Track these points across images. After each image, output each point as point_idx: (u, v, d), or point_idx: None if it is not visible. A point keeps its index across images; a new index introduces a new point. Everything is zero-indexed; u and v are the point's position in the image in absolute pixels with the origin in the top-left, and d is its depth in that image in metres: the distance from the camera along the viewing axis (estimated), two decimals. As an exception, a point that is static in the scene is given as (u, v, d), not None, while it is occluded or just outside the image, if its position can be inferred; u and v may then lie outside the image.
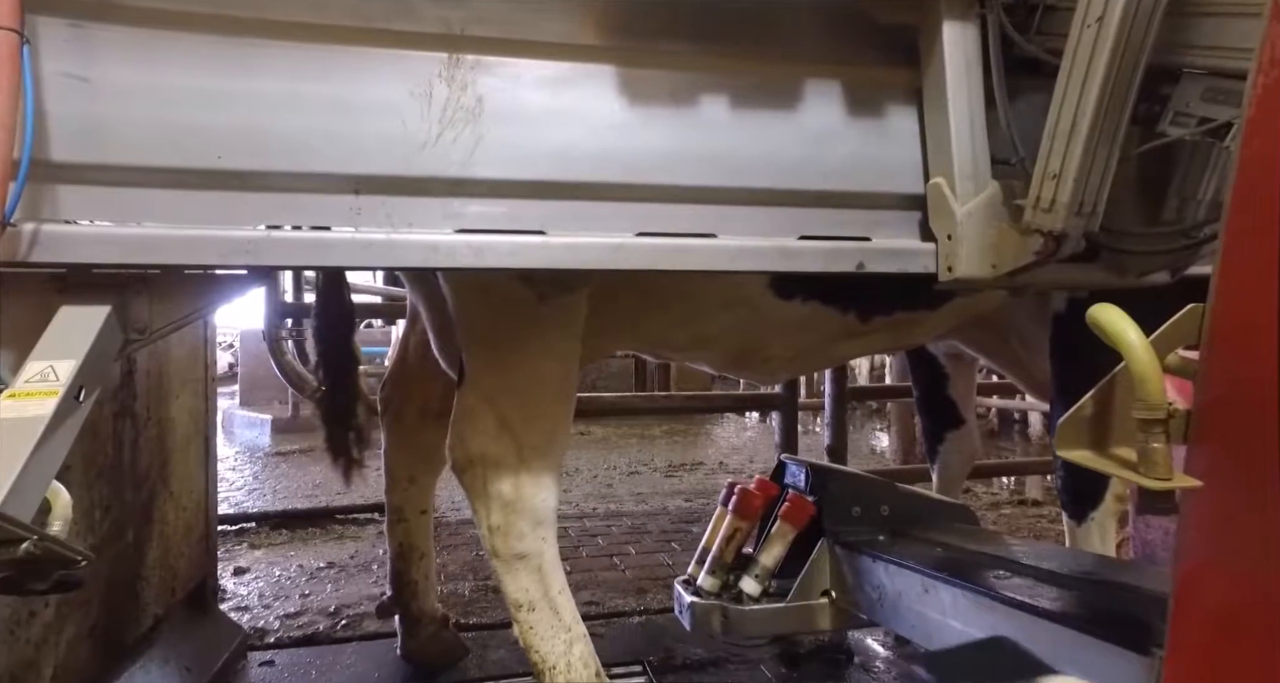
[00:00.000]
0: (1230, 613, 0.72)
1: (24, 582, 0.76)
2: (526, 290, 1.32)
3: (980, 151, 1.14)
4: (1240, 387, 0.74)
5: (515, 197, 1.10)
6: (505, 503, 1.34)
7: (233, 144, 1.00)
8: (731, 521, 1.67)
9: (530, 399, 1.36)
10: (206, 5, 0.99)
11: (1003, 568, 1.24)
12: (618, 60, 1.13)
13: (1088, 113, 0.97)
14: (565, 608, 1.37)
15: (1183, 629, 0.76)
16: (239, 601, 2.45)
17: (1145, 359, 0.81)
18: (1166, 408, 0.79)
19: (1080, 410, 0.86)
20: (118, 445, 1.45)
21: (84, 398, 0.88)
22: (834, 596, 1.56)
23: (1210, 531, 0.76)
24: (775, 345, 1.68)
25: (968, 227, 1.12)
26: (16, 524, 0.69)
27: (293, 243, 1.01)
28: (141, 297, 1.02)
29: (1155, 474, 0.80)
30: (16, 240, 0.88)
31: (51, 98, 0.92)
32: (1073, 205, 1.00)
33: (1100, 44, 0.95)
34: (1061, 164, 1.00)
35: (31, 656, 1.15)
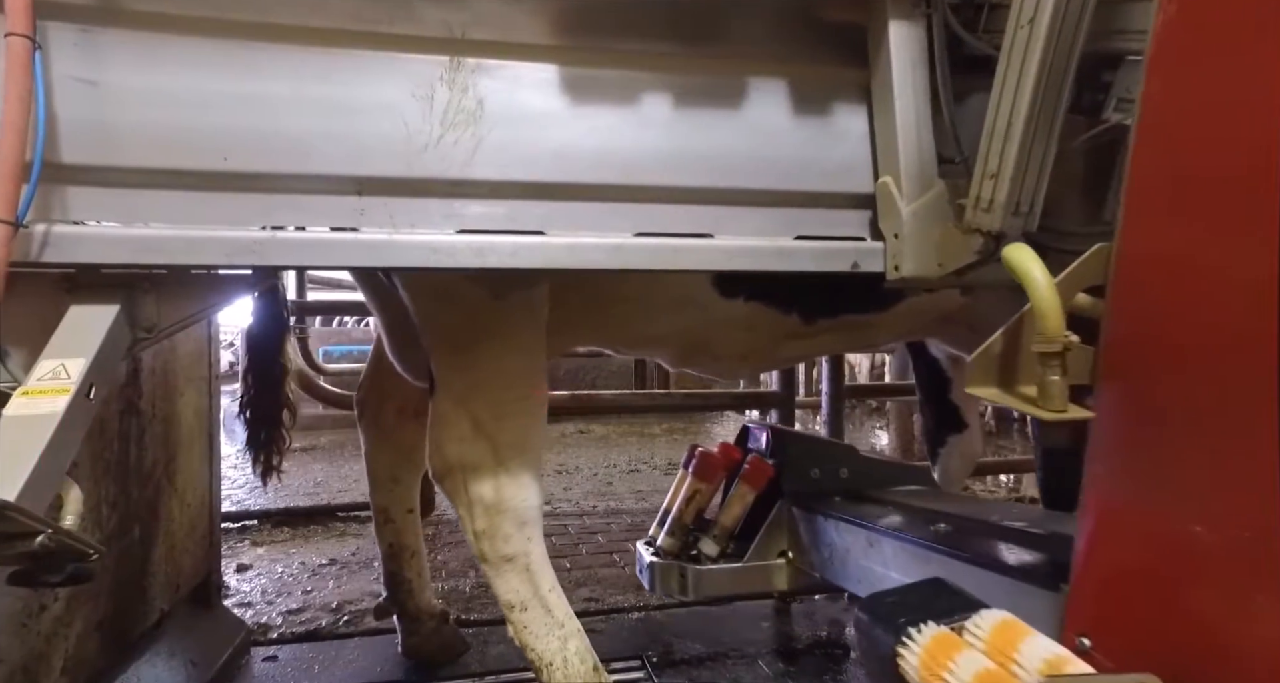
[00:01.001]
0: (1131, 546, 0.75)
1: (38, 574, 0.78)
2: (479, 289, 1.32)
3: (926, 151, 1.14)
4: (1144, 326, 0.76)
5: (515, 197, 1.12)
6: (488, 506, 1.34)
7: (238, 146, 1.02)
8: (692, 482, 1.71)
9: (500, 398, 1.35)
10: (211, 9, 1.01)
11: (943, 521, 1.29)
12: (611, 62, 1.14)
13: (1022, 113, 0.97)
14: (557, 605, 1.37)
15: (1085, 563, 0.79)
16: (242, 597, 2.47)
17: (1046, 295, 0.84)
18: (1063, 341, 0.81)
19: (990, 348, 0.89)
20: (124, 442, 1.47)
21: (94, 396, 0.90)
22: (790, 556, 1.60)
23: (1113, 465, 0.78)
24: (721, 344, 1.69)
25: (913, 226, 1.12)
26: (33, 518, 0.71)
27: (297, 243, 1.03)
28: (149, 296, 1.04)
29: (1052, 407, 0.83)
30: (28, 241, 0.90)
31: (61, 101, 0.94)
32: (1009, 205, 1.00)
33: (1032, 44, 0.95)
34: (999, 164, 1.00)
35: (42, 648, 1.17)
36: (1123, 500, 0.77)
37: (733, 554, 1.63)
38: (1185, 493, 0.70)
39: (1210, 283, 0.69)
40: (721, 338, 1.66)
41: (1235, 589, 0.64)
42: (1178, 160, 0.74)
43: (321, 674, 1.90)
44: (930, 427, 2.27)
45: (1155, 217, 0.76)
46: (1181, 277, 0.72)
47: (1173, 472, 0.71)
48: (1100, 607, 0.78)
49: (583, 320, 1.58)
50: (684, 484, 1.72)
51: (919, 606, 0.81)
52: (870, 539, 1.33)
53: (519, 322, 1.36)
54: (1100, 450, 0.80)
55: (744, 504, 1.64)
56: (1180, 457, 0.71)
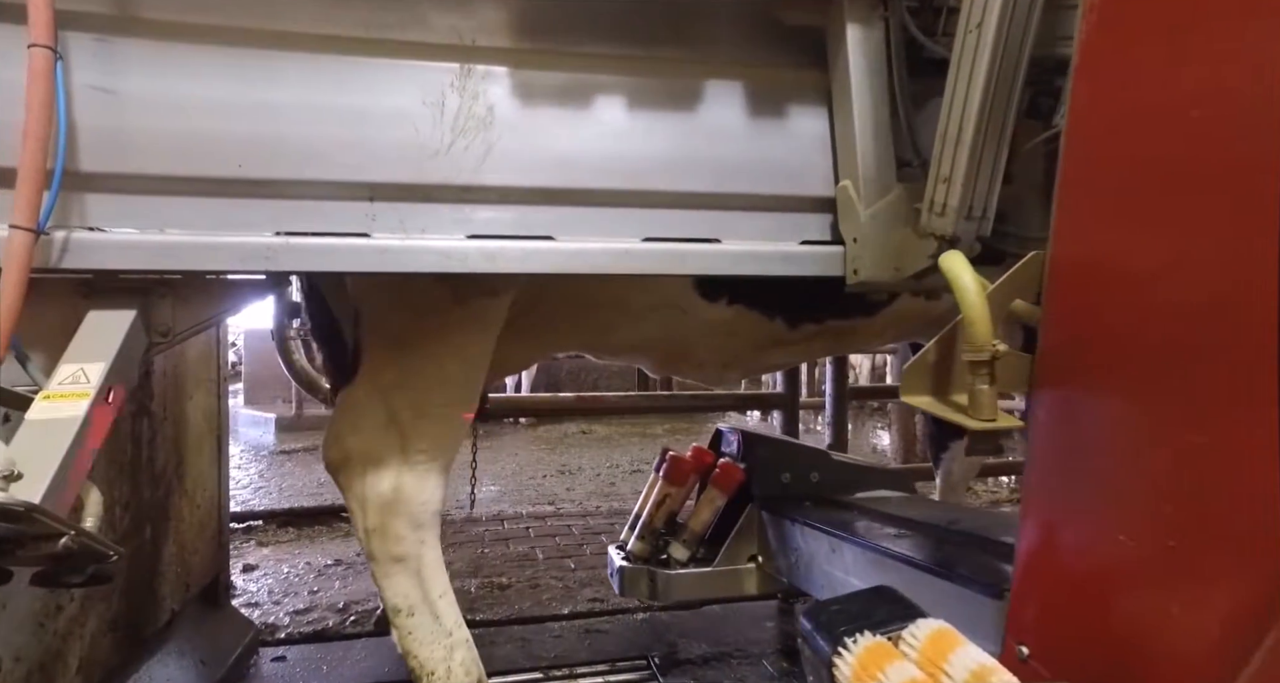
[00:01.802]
0: (1065, 554, 0.75)
1: (60, 575, 0.79)
2: (443, 290, 1.28)
3: (885, 155, 1.14)
4: (1074, 333, 0.75)
5: (525, 203, 1.13)
6: (384, 503, 1.28)
7: (252, 153, 1.03)
8: (662, 486, 1.71)
9: (427, 399, 1.31)
10: (225, 18, 1.03)
11: (905, 527, 1.29)
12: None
13: (972, 117, 0.97)
14: (446, 613, 1.31)
15: (1024, 571, 0.79)
16: (249, 597, 2.49)
17: (975, 303, 0.83)
18: (991, 350, 0.80)
19: (924, 357, 0.88)
20: (136, 444, 1.49)
21: (112, 399, 0.92)
22: (760, 561, 1.59)
23: (1047, 474, 0.77)
24: (703, 350, 1.66)
25: (871, 230, 1.12)
26: (57, 520, 0.72)
27: (310, 249, 1.04)
28: (165, 301, 1.05)
29: (981, 416, 0.82)
30: (49, 248, 0.91)
31: (80, 110, 0.96)
32: (962, 209, 0.99)
33: (980, 49, 0.95)
34: (950, 168, 1.00)
35: (59, 647, 1.18)
36: (1057, 509, 0.76)
37: (702, 559, 1.62)
38: (1113, 502, 0.69)
39: (1133, 290, 0.69)
40: (704, 344, 1.64)
41: (1159, 599, 0.64)
42: (1103, 166, 0.73)
43: (330, 674, 1.91)
44: (933, 431, 2.27)
45: (1083, 223, 0.75)
46: (1107, 284, 0.71)
47: (1102, 481, 0.70)
48: (1037, 615, 0.77)
49: (562, 325, 1.56)
50: (654, 488, 1.71)
51: (860, 614, 0.81)
52: (832, 545, 1.32)
53: (472, 329, 1.33)
54: (1036, 459, 0.79)
55: (714, 509, 1.63)
56: (1108, 466, 0.70)
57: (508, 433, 6.32)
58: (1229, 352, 0.60)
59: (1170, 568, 0.63)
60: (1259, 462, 0.57)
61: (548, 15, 1.13)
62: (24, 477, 0.73)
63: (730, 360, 1.72)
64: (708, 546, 1.64)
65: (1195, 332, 0.62)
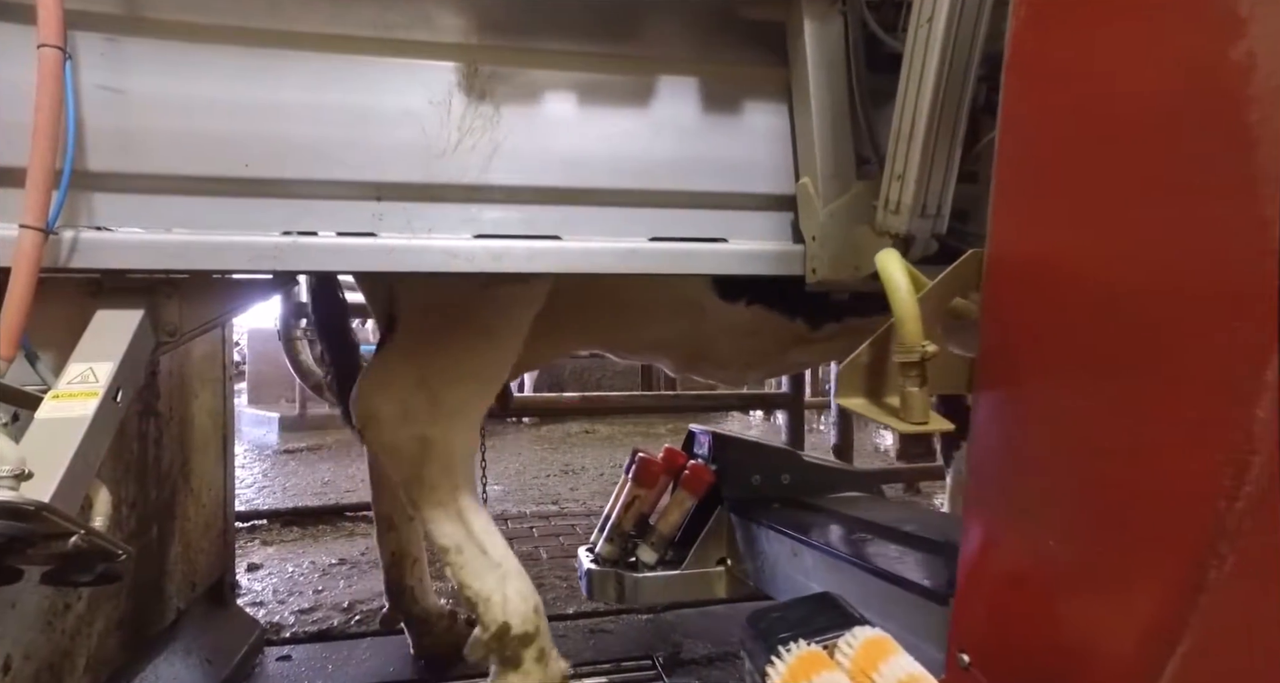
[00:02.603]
0: (1003, 561, 0.73)
1: (69, 574, 0.79)
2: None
3: (844, 152, 1.12)
4: (1011, 333, 0.73)
5: (531, 202, 1.13)
6: (414, 454, 1.34)
7: (259, 152, 1.03)
8: (631, 488, 1.69)
9: (457, 366, 1.36)
10: (232, 18, 1.03)
11: (865, 531, 1.28)
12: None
13: (924, 113, 0.94)
14: (493, 547, 1.37)
15: (966, 578, 0.77)
16: (254, 596, 2.49)
17: (906, 302, 0.81)
18: (921, 351, 0.78)
19: (858, 358, 0.86)
20: (143, 443, 1.49)
21: (121, 399, 0.92)
22: (729, 563, 1.57)
23: (987, 478, 0.76)
24: (725, 350, 1.66)
25: (830, 228, 1.10)
26: (66, 519, 0.73)
27: (317, 248, 1.05)
28: (172, 300, 1.06)
29: (912, 418, 0.80)
30: (57, 247, 0.92)
31: (88, 109, 0.96)
32: (915, 207, 0.97)
33: (931, 43, 0.93)
34: (904, 165, 0.98)
35: (67, 646, 1.19)
36: (996, 514, 0.74)
37: (671, 561, 1.60)
38: (1046, 507, 0.68)
39: (1061, 290, 0.67)
40: (725, 344, 1.64)
41: (1088, 607, 0.63)
42: (1035, 163, 0.71)
43: (336, 674, 1.91)
44: None
45: (1016, 221, 0.74)
46: (1038, 283, 0.70)
47: (1035, 485, 0.69)
48: (977, 623, 0.76)
49: (583, 324, 1.58)
50: (623, 490, 1.70)
51: (799, 622, 0.80)
52: (794, 549, 1.31)
53: (500, 310, 1.36)
54: (976, 462, 0.77)
55: (683, 511, 1.61)
56: (1041, 470, 0.68)
57: (511, 433, 6.32)
58: (1147, 356, 0.59)
59: (1096, 575, 0.63)
60: (1172, 467, 0.57)
61: (553, 14, 1.13)
62: (34, 476, 0.73)
63: (753, 360, 1.72)
64: (677, 548, 1.62)
65: (1119, 334, 0.61)
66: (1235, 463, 0.52)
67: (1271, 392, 0.50)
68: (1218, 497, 0.53)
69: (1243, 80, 0.52)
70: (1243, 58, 0.52)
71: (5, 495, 0.68)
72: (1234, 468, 0.52)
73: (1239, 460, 0.52)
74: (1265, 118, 0.51)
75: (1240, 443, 0.52)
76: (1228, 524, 0.52)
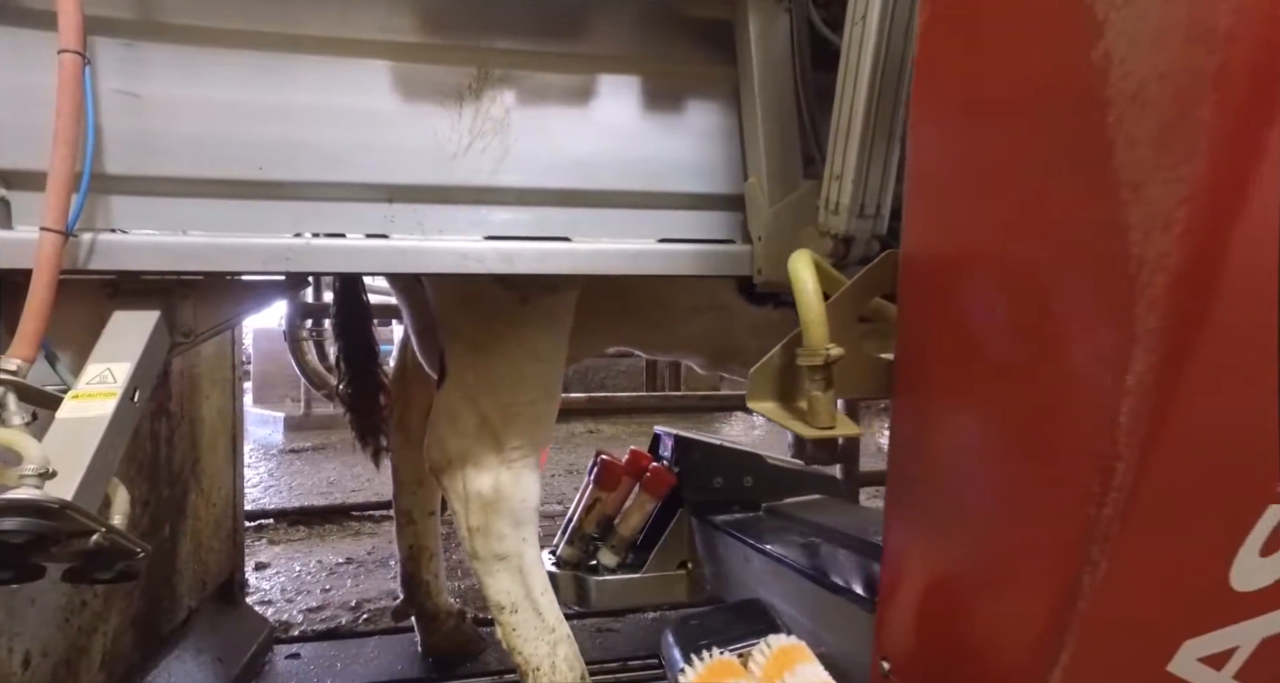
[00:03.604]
0: (919, 568, 0.72)
1: (90, 572, 0.81)
2: (506, 292, 1.31)
3: (790, 151, 1.10)
4: (925, 336, 0.71)
5: (541, 204, 1.14)
6: (485, 503, 1.33)
7: (273, 155, 1.05)
8: (593, 491, 1.69)
9: (512, 398, 1.34)
10: (246, 22, 1.04)
11: (820, 536, 1.27)
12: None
13: (859, 112, 0.92)
14: (548, 610, 1.35)
15: (887, 585, 0.77)
16: (262, 595, 2.51)
17: (812, 304, 0.79)
18: (824, 354, 0.76)
19: (769, 361, 0.84)
20: (155, 443, 1.50)
21: (138, 399, 0.93)
22: (691, 567, 1.56)
23: (904, 484, 0.74)
24: (754, 350, 1.67)
25: (776, 228, 1.09)
26: (88, 517, 0.74)
27: (330, 250, 1.06)
28: (187, 301, 1.07)
29: (817, 423, 0.77)
30: (76, 249, 0.93)
31: (106, 114, 0.97)
32: (854, 207, 0.95)
33: (865, 41, 0.91)
34: (842, 165, 0.96)
35: (83, 643, 1.20)
36: (912, 521, 0.73)
37: (632, 565, 1.59)
38: (954, 513, 0.66)
39: (964, 292, 0.65)
40: (754, 344, 1.62)
41: (992, 615, 0.62)
42: (940, 163, 0.70)
43: (344, 672, 1.93)
44: None
45: (927, 221, 0.72)
46: (946, 285, 0.68)
47: (946, 492, 0.68)
48: (898, 630, 0.75)
49: (612, 324, 1.58)
50: (585, 492, 1.70)
51: (719, 629, 0.80)
52: (745, 554, 1.30)
53: (542, 327, 1.36)
54: (893, 467, 0.76)
55: (643, 514, 1.60)
56: (949, 476, 0.67)
57: (515, 432, 6.32)
58: (1029, 360, 0.58)
59: (993, 583, 0.62)
60: (1050, 474, 0.56)
61: (563, 18, 1.14)
62: (57, 475, 0.74)
63: None
64: (638, 551, 1.61)
65: (1007, 338, 0.60)
66: (1102, 469, 0.51)
67: (1132, 397, 0.49)
68: (1088, 503, 0.52)
69: (1100, 82, 0.51)
70: (1100, 59, 0.51)
71: (30, 493, 0.69)
72: (1101, 474, 0.51)
73: (1105, 466, 0.51)
74: (1120, 119, 0.50)
75: (1105, 448, 0.51)
76: (1098, 530, 0.52)
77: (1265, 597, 0.54)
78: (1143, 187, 0.48)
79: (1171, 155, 0.47)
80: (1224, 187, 0.46)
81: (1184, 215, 0.47)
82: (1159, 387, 0.48)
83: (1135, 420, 0.49)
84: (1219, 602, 0.54)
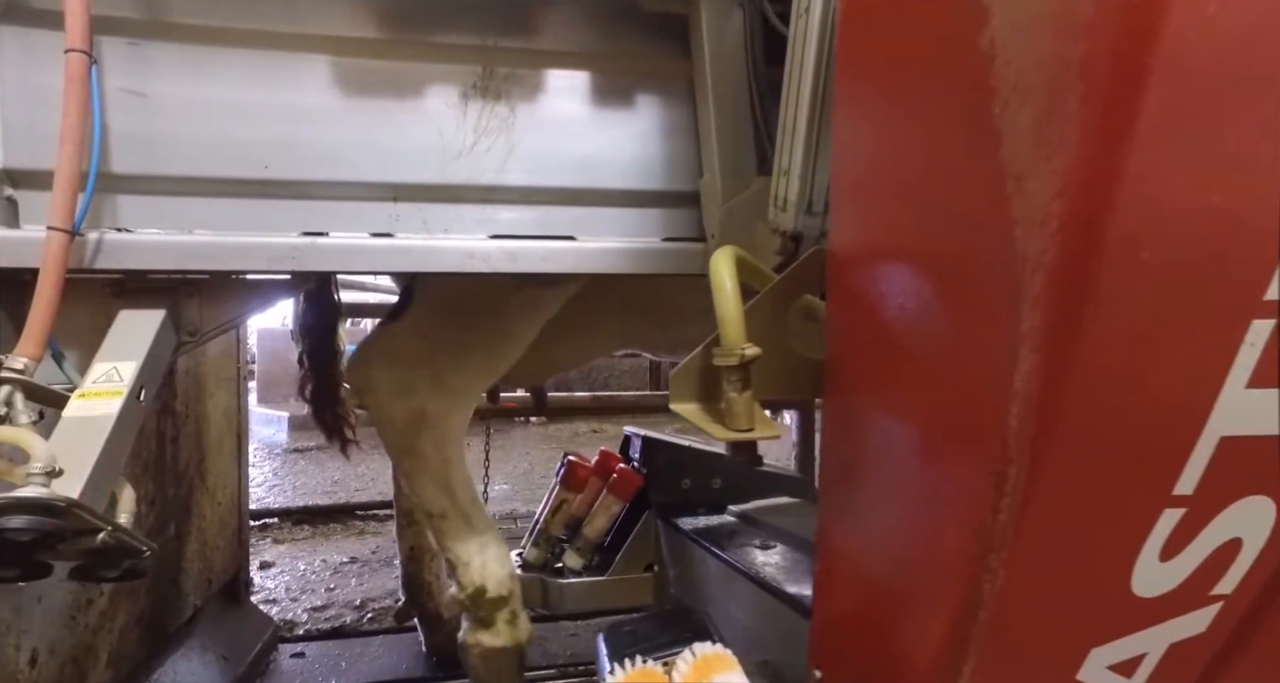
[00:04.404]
0: (848, 576, 0.70)
1: (96, 570, 0.81)
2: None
3: (744, 147, 1.08)
4: (851, 337, 0.69)
5: (546, 203, 1.14)
6: (409, 424, 1.37)
7: (279, 154, 1.05)
8: (559, 492, 1.67)
9: (468, 356, 1.39)
10: (251, 22, 1.04)
11: (777, 540, 1.25)
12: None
13: (804, 107, 0.88)
14: (476, 517, 1.42)
15: (818, 592, 0.75)
16: (266, 593, 2.52)
17: (727, 302, 0.76)
18: (739, 354, 0.73)
19: (691, 362, 0.82)
20: (160, 442, 1.51)
21: (144, 397, 0.93)
22: (657, 570, 1.55)
23: (833, 489, 0.72)
24: None
25: (729, 225, 1.06)
26: (95, 515, 0.74)
27: (336, 249, 1.06)
28: (193, 300, 1.07)
29: (734, 425, 0.74)
30: (82, 248, 0.93)
31: (113, 113, 0.97)
32: (801, 204, 0.91)
33: (809, 34, 0.87)
34: (789, 160, 0.92)
35: (90, 640, 1.20)
36: (839, 527, 0.71)
37: (598, 567, 1.57)
38: (874, 521, 0.65)
39: (881, 291, 0.63)
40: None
41: (907, 626, 0.60)
42: (860, 159, 0.68)
43: (349, 671, 1.93)
44: None
45: (849, 218, 0.69)
46: (867, 283, 0.65)
47: (868, 498, 0.66)
48: (829, 639, 0.73)
49: (618, 325, 1.59)
50: (553, 493, 1.69)
51: (647, 637, 0.79)
52: (701, 556, 1.29)
53: (524, 313, 1.39)
54: (823, 473, 0.73)
55: (609, 516, 1.59)
56: (872, 483, 0.65)
57: (519, 432, 6.33)
58: (934, 361, 0.56)
59: (908, 592, 0.60)
60: (952, 479, 0.54)
61: (568, 17, 1.14)
62: (64, 473, 0.75)
63: None
64: (604, 554, 1.59)
65: (917, 339, 0.57)
66: (995, 474, 0.49)
67: (1020, 399, 0.47)
68: (983, 510, 0.50)
69: (987, 70, 0.49)
70: (987, 46, 0.49)
71: (37, 492, 0.69)
72: (994, 479, 0.49)
73: (997, 471, 0.49)
74: (1004, 109, 0.48)
75: (996, 453, 0.49)
76: (994, 538, 0.50)
77: (1170, 602, 0.52)
78: (1025, 179, 0.46)
79: (1046, 147, 0.45)
80: (1096, 180, 0.44)
81: (1058, 210, 0.44)
82: (1045, 389, 0.46)
83: (1024, 424, 0.47)
84: (1123, 609, 0.52)
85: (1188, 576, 0.52)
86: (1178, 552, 0.51)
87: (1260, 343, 0.46)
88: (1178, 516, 0.50)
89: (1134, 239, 0.45)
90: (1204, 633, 0.54)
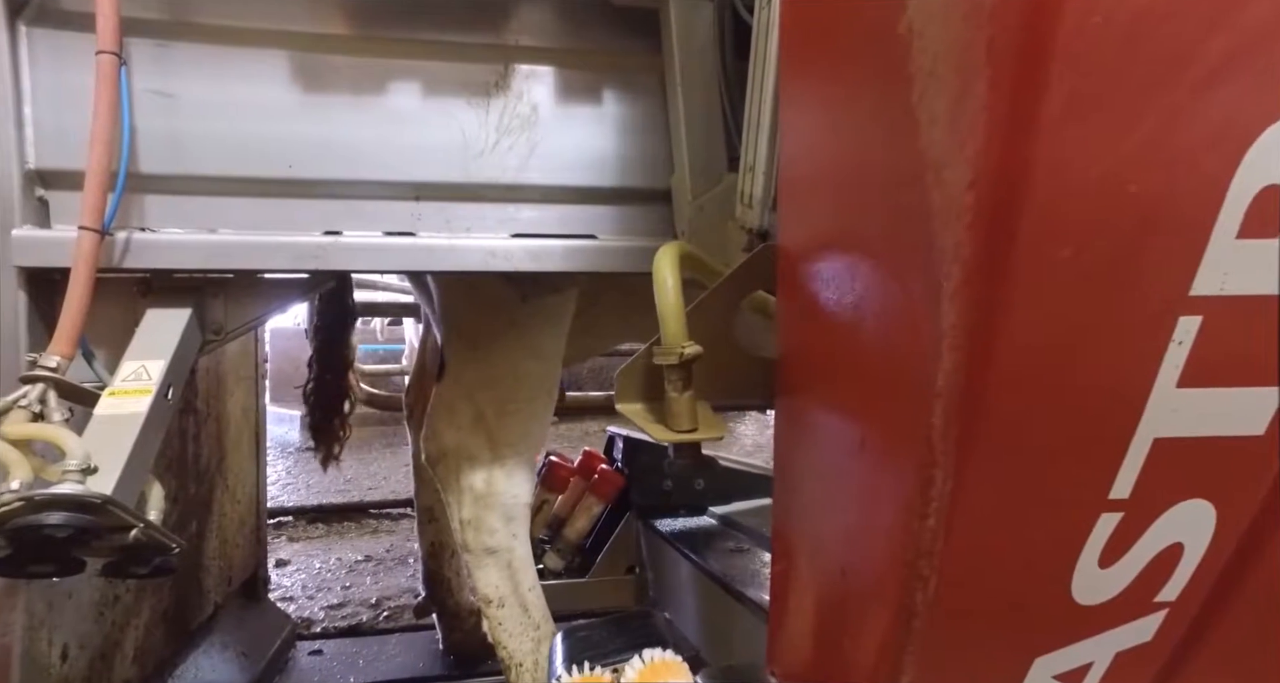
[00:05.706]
0: (800, 577, 0.68)
1: (128, 566, 0.82)
2: (509, 290, 1.30)
3: (714, 143, 1.07)
4: (799, 336, 0.67)
5: (567, 202, 1.14)
6: (477, 497, 1.33)
7: (303, 154, 1.05)
8: (540, 493, 1.67)
9: (508, 395, 1.35)
10: (276, 22, 1.05)
11: (750, 542, 1.25)
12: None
13: (768, 101, 0.86)
14: (535, 606, 1.36)
15: (774, 596, 0.73)
16: (283, 591, 2.53)
17: (668, 300, 0.75)
18: (679, 352, 0.71)
19: (636, 362, 0.80)
20: (183, 440, 1.52)
21: (171, 395, 0.94)
22: (638, 571, 1.54)
23: (785, 490, 0.71)
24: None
25: (699, 223, 1.06)
26: (127, 512, 0.74)
27: (358, 248, 1.06)
28: (217, 299, 1.08)
29: (676, 426, 0.72)
30: (111, 248, 0.94)
31: (140, 113, 0.98)
32: (766, 201, 0.89)
33: (771, 27, 0.84)
34: (754, 156, 0.90)
35: (117, 636, 1.22)
36: (792, 529, 0.69)
37: (578, 568, 1.56)
38: (827, 527, 0.63)
39: (822, 289, 0.61)
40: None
41: (850, 633, 0.58)
42: (802, 154, 0.66)
43: (366, 669, 1.94)
44: None
45: (794, 215, 0.67)
46: (811, 283, 0.63)
47: (816, 502, 0.64)
48: (784, 642, 0.72)
49: (620, 322, 1.58)
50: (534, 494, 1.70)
51: (600, 642, 0.78)
52: (674, 558, 1.29)
53: (541, 326, 1.36)
54: (777, 475, 0.72)
55: (590, 517, 1.58)
56: (823, 486, 0.63)
57: (529, 431, 6.34)
58: (870, 361, 0.54)
59: (851, 600, 0.58)
60: (884, 483, 0.52)
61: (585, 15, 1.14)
62: (98, 470, 0.75)
63: None
64: (585, 555, 1.58)
65: (860, 337, 0.55)
66: (921, 478, 0.47)
67: (943, 399, 0.45)
68: (911, 514, 0.48)
69: (905, 56, 0.47)
70: (905, 32, 0.47)
71: (73, 488, 0.70)
72: (921, 483, 0.47)
73: (924, 475, 0.47)
74: (921, 96, 0.45)
75: (923, 456, 0.47)
76: (924, 544, 0.48)
77: (1112, 610, 0.51)
78: (942, 170, 0.44)
79: (959, 135, 0.43)
80: (1006, 170, 0.42)
81: (971, 202, 0.42)
82: (968, 388, 0.44)
83: (948, 425, 0.45)
84: (1065, 617, 0.51)
85: (1129, 582, 0.50)
86: (1117, 558, 0.50)
87: (1189, 341, 0.44)
88: (1115, 520, 0.48)
89: (1050, 231, 0.43)
90: (1150, 642, 0.52)
